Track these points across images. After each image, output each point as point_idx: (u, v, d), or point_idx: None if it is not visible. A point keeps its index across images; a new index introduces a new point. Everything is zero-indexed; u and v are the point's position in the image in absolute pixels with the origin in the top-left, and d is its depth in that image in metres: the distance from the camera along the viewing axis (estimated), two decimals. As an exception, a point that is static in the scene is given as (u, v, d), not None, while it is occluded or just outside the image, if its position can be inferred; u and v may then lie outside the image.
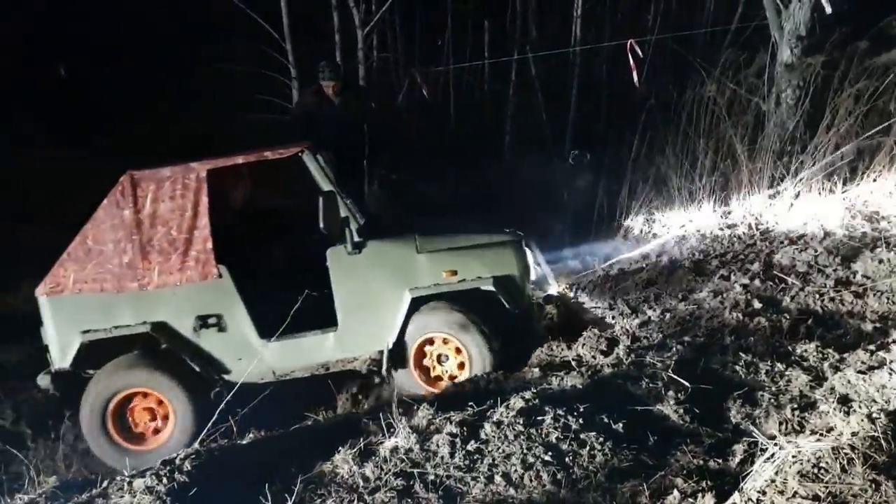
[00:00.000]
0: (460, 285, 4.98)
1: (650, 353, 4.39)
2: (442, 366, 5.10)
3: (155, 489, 3.36)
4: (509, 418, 3.68)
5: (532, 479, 3.33)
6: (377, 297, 5.01)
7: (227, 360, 5.10)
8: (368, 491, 3.40)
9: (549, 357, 4.83)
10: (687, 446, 3.51)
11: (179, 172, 4.87)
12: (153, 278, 4.88)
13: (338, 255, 4.92)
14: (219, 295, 4.97)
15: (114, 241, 4.89)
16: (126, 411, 5.03)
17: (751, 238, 6.68)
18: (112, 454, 4.99)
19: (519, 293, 5.05)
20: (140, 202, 4.86)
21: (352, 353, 5.11)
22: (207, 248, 4.87)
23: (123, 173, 4.90)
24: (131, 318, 4.95)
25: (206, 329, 5.00)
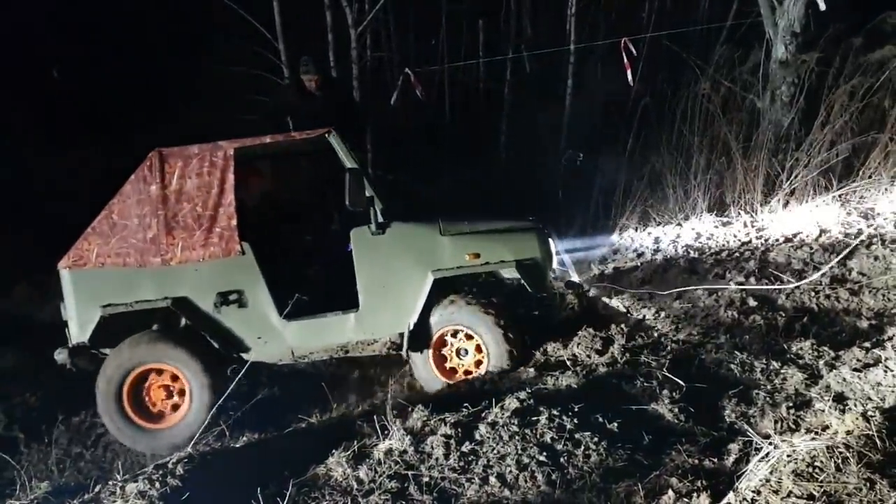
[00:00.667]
0: (484, 268, 5.01)
1: (645, 352, 4.39)
2: (460, 359, 5.08)
3: (147, 493, 3.33)
4: (504, 419, 3.66)
5: (527, 479, 3.32)
6: (400, 278, 5.00)
7: (247, 338, 5.10)
8: (362, 493, 3.38)
9: (545, 357, 4.81)
10: (682, 445, 3.50)
11: (207, 150, 4.91)
12: (176, 253, 4.91)
13: (362, 235, 4.93)
14: (241, 272, 4.98)
15: (139, 215, 4.93)
16: (142, 389, 5.05)
17: (746, 235, 6.67)
18: (127, 432, 5.02)
19: (542, 278, 5.07)
20: (167, 178, 4.90)
21: (372, 334, 5.09)
22: (232, 224, 4.90)
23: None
24: (152, 293, 4.96)
25: (227, 306, 5.00)
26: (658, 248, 6.74)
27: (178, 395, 5.06)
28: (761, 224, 6.83)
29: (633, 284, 5.99)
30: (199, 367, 4.95)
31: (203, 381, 4.95)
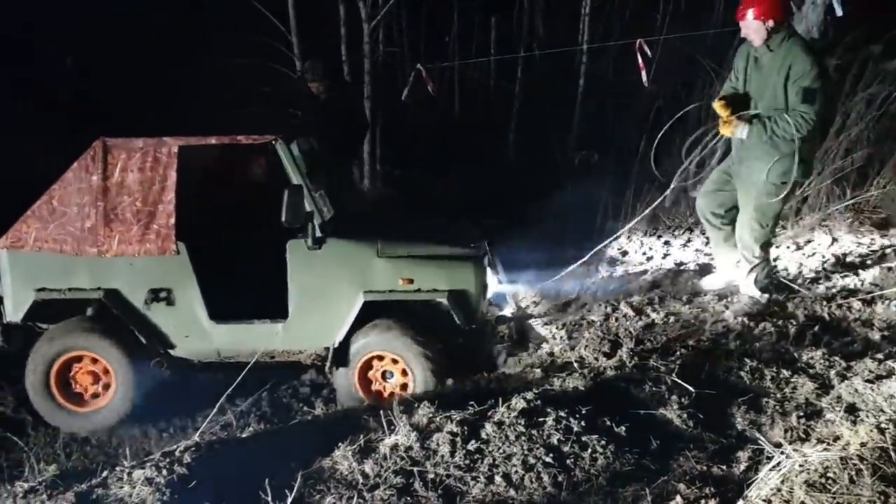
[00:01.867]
0: (415, 295, 4.97)
1: (654, 357, 4.36)
2: (385, 381, 5.09)
3: (154, 480, 3.32)
4: (510, 419, 3.64)
5: (533, 480, 3.30)
6: (331, 295, 5.00)
7: (174, 335, 5.16)
8: (368, 488, 3.37)
9: (551, 358, 4.79)
10: (690, 452, 3.48)
11: (152, 145, 4.84)
12: (112, 246, 4.89)
13: (297, 248, 4.89)
14: (174, 271, 5.00)
15: (78, 204, 4.91)
16: (70, 373, 5.16)
17: (757, 242, 6.63)
18: (52, 413, 5.16)
19: (472, 310, 5.04)
20: (109, 169, 4.85)
21: (298, 346, 5.15)
22: (170, 223, 4.86)
23: None
24: (86, 282, 5.02)
25: (157, 303, 5.04)
26: (668, 253, 6.70)
27: (104, 382, 5.18)
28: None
29: (641, 289, 5.96)
30: (125, 359, 5.06)
31: (127, 372, 5.07)
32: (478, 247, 5.17)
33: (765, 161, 4.86)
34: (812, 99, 4.58)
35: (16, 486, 3.72)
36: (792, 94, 4.65)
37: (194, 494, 3.30)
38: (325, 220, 4.86)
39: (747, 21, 4.75)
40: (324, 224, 4.84)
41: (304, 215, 4.70)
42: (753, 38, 4.80)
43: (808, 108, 4.59)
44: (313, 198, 4.84)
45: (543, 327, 5.42)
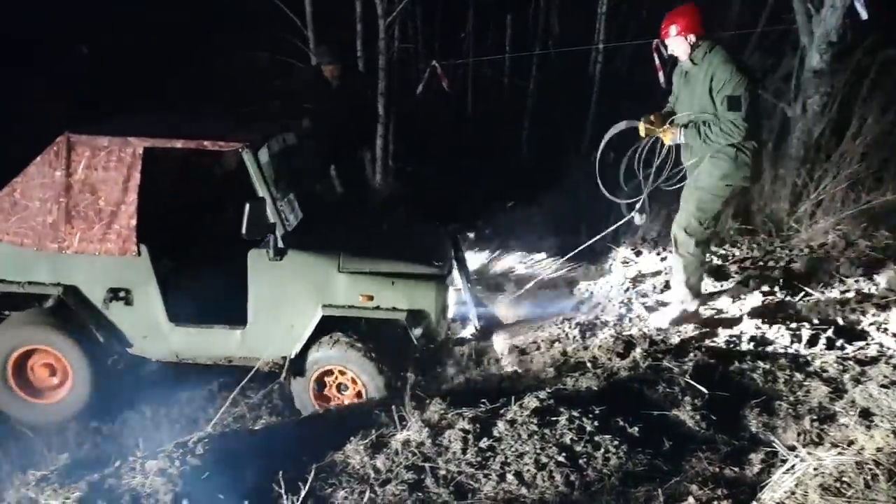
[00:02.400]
0: (374, 312, 4.92)
1: (667, 358, 4.35)
2: (342, 394, 5.07)
3: (167, 471, 3.33)
4: (523, 417, 3.65)
5: (545, 479, 3.30)
6: (290, 307, 4.96)
7: (133, 335, 5.15)
8: (379, 483, 3.38)
9: (564, 357, 4.78)
10: (703, 453, 3.48)
11: (117, 144, 4.79)
12: (73, 243, 4.88)
13: (259, 258, 4.85)
14: (135, 272, 4.96)
15: (41, 199, 4.88)
16: (26, 365, 5.17)
17: (770, 245, 6.61)
18: (11, 404, 5.18)
19: (430, 330, 4.99)
20: (73, 166, 4.82)
21: (256, 353, 5.10)
22: (131, 224, 4.83)
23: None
24: (46, 277, 5.00)
25: (116, 302, 5.02)
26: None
27: (60, 375, 5.18)
28: (786, 233, 6.76)
29: (655, 289, 5.95)
30: (82, 355, 5.06)
31: (85, 369, 5.08)
32: (441, 265, 5.12)
33: (707, 161, 4.93)
34: (737, 105, 4.68)
35: (28, 474, 3.74)
36: (718, 103, 4.76)
37: (206, 486, 3.31)
38: (287, 232, 4.80)
39: (671, 37, 4.91)
40: (286, 235, 4.79)
41: (265, 228, 4.65)
42: (679, 53, 4.95)
43: (734, 115, 4.68)
44: (277, 208, 4.78)
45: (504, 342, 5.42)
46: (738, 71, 4.67)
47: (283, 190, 5.03)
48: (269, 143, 5.08)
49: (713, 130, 4.75)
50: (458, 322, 5.72)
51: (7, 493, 3.80)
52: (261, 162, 4.79)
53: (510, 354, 5.16)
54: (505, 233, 8.04)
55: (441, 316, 5.07)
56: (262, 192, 4.74)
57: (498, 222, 8.42)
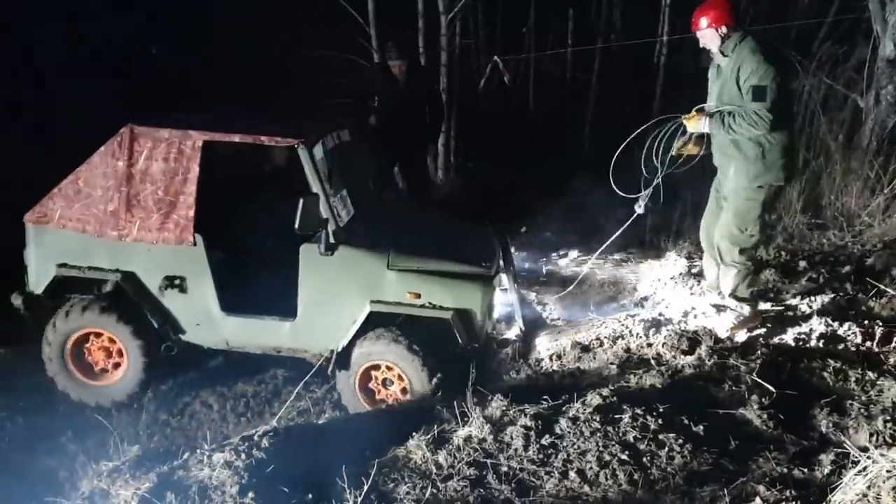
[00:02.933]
0: (420, 310, 4.96)
1: (733, 355, 4.27)
2: (387, 389, 5.11)
3: (233, 464, 3.41)
4: (585, 414, 3.63)
5: (608, 477, 3.28)
6: (339, 301, 5.03)
7: (186, 322, 5.29)
8: (441, 478, 3.40)
9: (627, 354, 4.73)
10: (770, 453, 3.41)
11: (177, 137, 4.91)
12: (132, 231, 5.02)
13: (310, 252, 4.92)
14: (190, 261, 5.08)
15: (103, 187, 5.03)
16: (84, 348, 5.37)
17: (841, 240, 6.42)
18: (69, 385, 5.40)
19: (475, 330, 5.00)
20: (135, 156, 4.95)
21: (304, 345, 5.21)
22: (189, 215, 4.95)
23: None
24: (105, 263, 5.17)
25: (171, 290, 5.16)
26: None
27: (116, 357, 5.38)
28: (858, 228, 6.56)
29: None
30: (137, 340, 5.24)
31: (139, 353, 5.27)
32: (489, 266, 5.15)
33: (736, 163, 4.83)
34: (761, 96, 4.54)
35: (101, 464, 3.88)
36: (744, 93, 4.64)
37: (271, 479, 3.38)
38: (339, 227, 4.87)
39: (702, 30, 4.80)
40: (337, 231, 4.86)
41: (318, 223, 4.72)
42: (710, 45, 4.83)
43: (758, 105, 4.54)
44: (330, 204, 4.85)
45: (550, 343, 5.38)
46: (765, 61, 4.54)
47: (337, 186, 5.10)
48: (325, 139, 5.16)
49: (737, 121, 4.63)
50: (504, 322, 5.71)
51: (81, 483, 3.95)
52: (315, 158, 4.87)
53: (566, 352, 5.11)
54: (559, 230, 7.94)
55: (487, 316, 5.10)
56: (315, 187, 4.81)
57: (554, 219, 8.33)
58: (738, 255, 4.96)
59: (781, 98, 4.59)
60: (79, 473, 4.49)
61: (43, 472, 4.87)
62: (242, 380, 5.73)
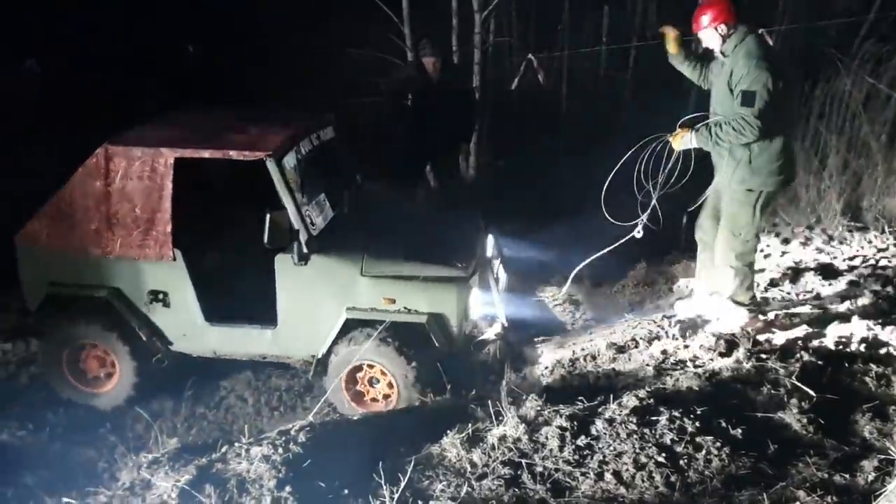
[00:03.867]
0: (395, 315, 5.02)
1: (772, 358, 4.22)
2: (374, 388, 5.19)
3: (271, 458, 3.44)
4: (622, 416, 3.60)
5: (644, 479, 3.26)
6: (316, 309, 5.12)
7: (172, 333, 5.41)
8: (476, 477, 3.39)
9: (663, 356, 4.69)
10: (810, 458, 3.36)
11: (149, 155, 5.00)
12: (115, 248, 5.15)
13: (284, 263, 5.00)
14: (172, 275, 5.20)
15: (84, 207, 5.15)
16: (79, 358, 5.52)
17: (883, 242, 6.31)
18: (67, 390, 5.58)
19: (450, 333, 5.07)
20: (111, 176, 5.06)
21: (286, 352, 5.35)
22: (166, 231, 5.05)
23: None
24: (93, 280, 5.29)
25: (156, 303, 5.29)
26: (786, 251, 6.45)
27: (109, 368, 5.53)
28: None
29: (758, 285, 5.75)
30: (127, 351, 5.38)
31: (130, 364, 5.42)
32: (465, 266, 5.15)
33: (725, 165, 4.76)
34: (750, 102, 4.44)
35: (140, 456, 3.93)
36: (734, 98, 4.54)
37: (308, 473, 3.40)
38: (311, 237, 4.93)
39: (702, 29, 4.71)
40: (310, 240, 4.92)
41: (288, 236, 4.82)
42: (711, 45, 4.75)
43: (746, 111, 4.45)
44: (301, 214, 4.93)
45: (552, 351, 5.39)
46: (757, 66, 4.43)
47: (313, 191, 5.20)
48: (300, 144, 5.25)
49: (724, 129, 4.54)
50: (486, 322, 5.65)
51: (121, 474, 4.01)
52: (286, 169, 4.96)
53: (601, 353, 5.08)
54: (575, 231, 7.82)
55: (462, 319, 5.14)
56: (285, 200, 4.91)
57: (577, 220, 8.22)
58: (733, 260, 4.90)
59: (773, 104, 4.47)
60: (118, 464, 4.56)
61: (82, 462, 4.96)
62: (276, 374, 5.79)
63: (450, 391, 4.76)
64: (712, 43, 4.74)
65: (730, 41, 4.64)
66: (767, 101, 4.42)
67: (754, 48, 4.53)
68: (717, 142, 4.60)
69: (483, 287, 5.47)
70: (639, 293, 6.44)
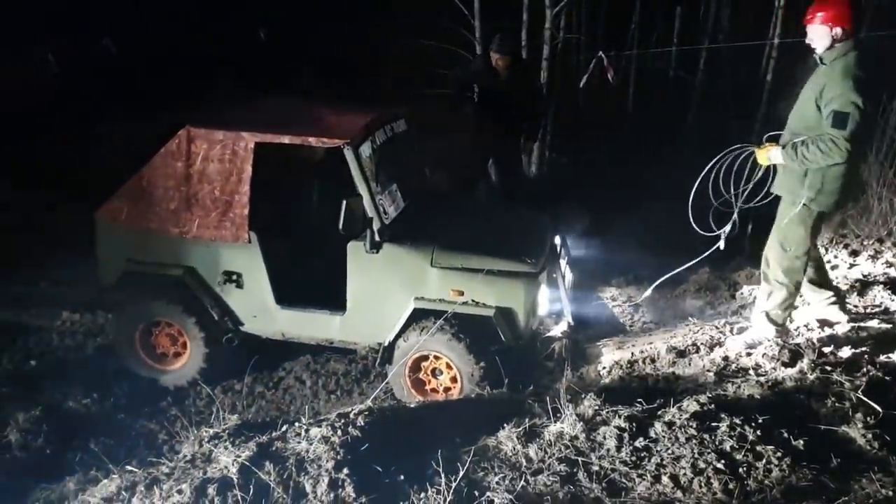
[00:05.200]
0: (463, 308, 5.04)
1: (837, 371, 4.13)
2: (437, 379, 5.22)
3: (330, 439, 3.50)
4: (682, 420, 3.57)
5: (702, 484, 3.23)
6: (385, 298, 5.18)
7: (243, 314, 5.53)
8: (531, 472, 3.41)
9: (725, 362, 4.63)
10: (875, 474, 3.29)
11: (231, 139, 5.11)
12: (192, 229, 5.28)
13: (356, 250, 5.08)
14: (246, 258, 5.30)
15: (164, 187, 5.29)
16: (151, 334, 5.69)
17: (959, 257, 6.12)
18: (138, 366, 5.73)
19: (518, 328, 5.06)
20: (192, 157, 5.19)
21: (353, 338, 5.43)
22: (244, 214, 5.17)
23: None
24: (169, 259, 5.43)
25: (229, 284, 5.40)
26: (854, 263, 6.29)
27: (180, 346, 5.68)
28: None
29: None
30: (199, 330, 5.52)
31: (201, 343, 5.55)
32: (534, 262, 5.16)
33: (781, 174, 4.63)
34: (842, 124, 4.20)
35: (202, 430, 4.03)
36: (823, 118, 4.31)
37: (366, 457, 3.45)
38: (384, 225, 5.00)
39: (814, 23, 4.42)
40: (382, 229, 4.99)
41: (362, 224, 4.90)
42: (816, 43, 4.45)
43: (837, 133, 4.22)
44: (375, 203, 5.00)
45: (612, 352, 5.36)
46: (853, 89, 4.20)
47: (386, 181, 5.27)
48: (374, 135, 5.30)
49: (810, 149, 4.33)
50: (553, 318, 5.68)
51: (182, 447, 4.12)
52: (362, 157, 5.03)
53: (661, 356, 5.02)
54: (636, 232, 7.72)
55: (531, 313, 5.14)
56: (360, 188, 4.98)
57: (640, 221, 8.13)
58: (781, 275, 4.71)
59: (863, 127, 4.28)
60: (178, 437, 4.68)
61: (144, 433, 5.12)
62: (334, 358, 5.87)
63: (507, 385, 4.77)
64: (819, 42, 4.45)
65: (835, 49, 4.38)
66: (859, 123, 4.23)
67: (853, 66, 4.30)
68: (803, 161, 4.40)
69: (551, 284, 5.49)
70: (700, 298, 6.35)
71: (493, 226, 5.72)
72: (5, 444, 4.77)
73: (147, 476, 3.57)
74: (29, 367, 5.83)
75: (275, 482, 3.27)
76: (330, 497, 3.21)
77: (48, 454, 4.77)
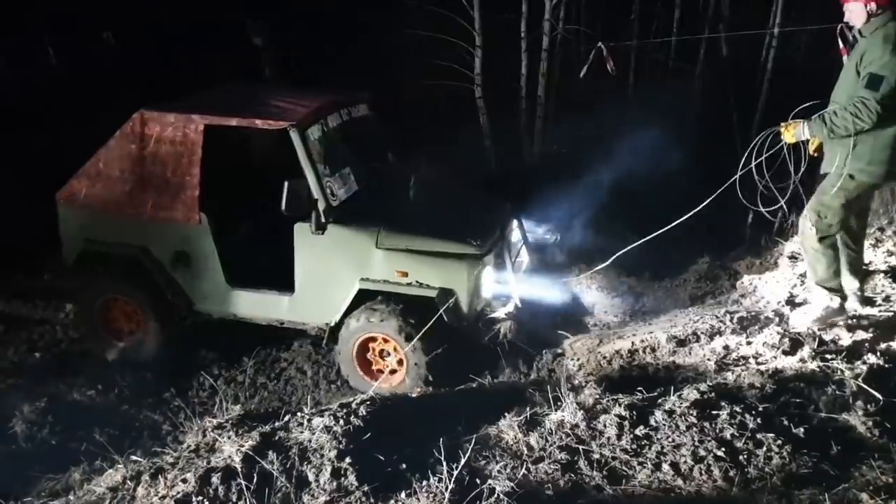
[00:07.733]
0: (407, 288, 5.11)
1: (838, 359, 4.14)
2: (384, 360, 5.28)
3: (332, 429, 3.51)
4: (682, 408, 3.59)
5: (702, 472, 3.25)
6: (331, 278, 5.25)
7: (196, 294, 5.62)
8: (532, 460, 3.42)
9: (725, 351, 4.64)
10: (875, 461, 3.30)
11: (182, 121, 5.23)
12: (147, 210, 5.37)
13: (303, 231, 5.15)
14: (197, 238, 5.40)
15: (120, 169, 5.40)
16: (109, 309, 5.84)
17: None
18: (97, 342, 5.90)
19: (461, 309, 5.11)
20: (146, 140, 5.30)
21: (301, 318, 5.50)
22: (195, 195, 5.28)
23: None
24: (125, 238, 5.53)
25: (181, 264, 5.49)
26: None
27: (135, 323, 5.81)
28: None
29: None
30: (152, 307, 5.65)
31: (154, 320, 5.69)
32: (479, 244, 5.21)
33: (834, 152, 4.52)
34: (875, 85, 4.16)
35: (205, 420, 4.05)
36: (859, 80, 4.27)
37: (368, 446, 3.47)
38: (329, 207, 5.05)
39: (850, 3, 4.39)
40: (328, 210, 5.03)
41: (305, 205, 4.94)
42: (854, 20, 4.43)
43: (869, 93, 4.16)
44: (322, 185, 5.05)
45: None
46: (893, 52, 4.18)
47: (337, 164, 5.34)
48: (327, 118, 5.39)
49: (839, 115, 4.26)
50: (499, 300, 5.64)
51: (186, 437, 4.14)
52: (309, 140, 5.12)
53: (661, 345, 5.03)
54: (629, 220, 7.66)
55: (473, 296, 5.18)
56: (305, 169, 5.05)
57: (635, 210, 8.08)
58: (816, 242, 4.66)
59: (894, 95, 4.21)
60: (182, 427, 4.71)
61: (148, 425, 5.15)
62: (335, 349, 5.88)
63: (507, 375, 4.79)
64: (856, 19, 4.42)
65: (873, 22, 4.34)
66: (894, 87, 4.19)
67: (893, 34, 4.28)
68: (833, 129, 4.34)
69: (498, 266, 5.51)
70: (700, 288, 6.36)
71: (445, 209, 5.78)
72: (11, 435, 4.83)
73: (151, 465, 3.59)
74: (34, 360, 5.89)
75: (278, 471, 3.28)
76: (332, 486, 3.22)
77: (53, 445, 4.82)
